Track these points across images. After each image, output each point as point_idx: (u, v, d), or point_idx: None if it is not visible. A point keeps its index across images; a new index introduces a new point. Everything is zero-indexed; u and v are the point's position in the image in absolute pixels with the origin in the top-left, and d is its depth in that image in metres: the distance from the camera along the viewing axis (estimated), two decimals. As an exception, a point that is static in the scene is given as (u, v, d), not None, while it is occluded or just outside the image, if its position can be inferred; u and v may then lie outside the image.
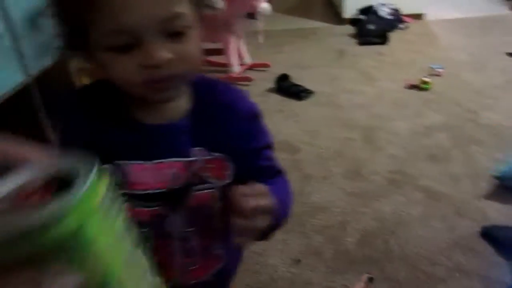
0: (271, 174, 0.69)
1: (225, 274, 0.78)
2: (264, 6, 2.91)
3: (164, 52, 0.51)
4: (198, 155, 0.62)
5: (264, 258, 1.54)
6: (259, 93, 2.91)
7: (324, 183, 1.96)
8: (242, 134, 0.65)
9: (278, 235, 1.65)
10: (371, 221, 1.71)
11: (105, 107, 0.62)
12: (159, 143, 0.61)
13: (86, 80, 2.91)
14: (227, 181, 0.65)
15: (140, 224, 0.61)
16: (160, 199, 0.62)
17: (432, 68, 3.06)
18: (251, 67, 3.33)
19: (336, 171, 2.04)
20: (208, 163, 0.63)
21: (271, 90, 2.94)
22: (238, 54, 3.24)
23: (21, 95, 2.02)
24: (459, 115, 2.49)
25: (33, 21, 2.08)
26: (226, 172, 0.65)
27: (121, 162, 0.60)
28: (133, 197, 0.61)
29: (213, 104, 0.64)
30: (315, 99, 2.81)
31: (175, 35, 0.53)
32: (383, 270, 1.49)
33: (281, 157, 2.15)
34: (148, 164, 0.60)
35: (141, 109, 0.61)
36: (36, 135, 2.20)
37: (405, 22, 4.17)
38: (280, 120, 2.54)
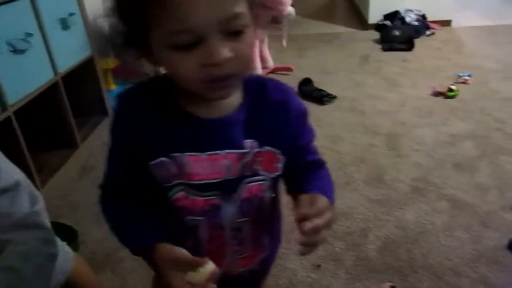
0: (316, 167, 0.74)
1: (268, 263, 0.83)
2: (290, 10, 2.91)
3: (225, 51, 0.53)
4: (250, 147, 0.65)
5: (284, 262, 1.53)
6: (281, 97, 2.90)
7: (346, 189, 1.93)
8: (293, 132, 0.69)
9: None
10: (393, 229, 1.68)
11: (160, 103, 0.63)
12: (213, 135, 0.63)
13: (111, 80, 2.96)
14: (277, 173, 0.69)
15: (196, 213, 0.66)
16: (215, 189, 0.65)
17: (459, 75, 3.01)
18: (274, 71, 3.33)
19: (358, 177, 2.01)
20: (259, 156, 0.66)
21: (293, 94, 2.93)
22: (261, 57, 3.24)
23: (49, 93, 2.06)
24: (486, 124, 2.43)
25: (62, 21, 2.13)
26: (276, 165, 0.68)
27: (177, 154, 0.62)
28: (190, 187, 0.64)
29: (265, 101, 0.66)
30: (337, 104, 2.79)
31: (234, 34, 0.54)
32: (405, 279, 1.46)
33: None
34: (203, 156, 0.63)
35: (196, 104, 0.63)
36: (61, 133, 2.24)
37: (432, 28, 4.11)
38: (302, 124, 2.52)
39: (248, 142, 0.65)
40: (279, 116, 0.67)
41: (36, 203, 0.84)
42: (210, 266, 0.58)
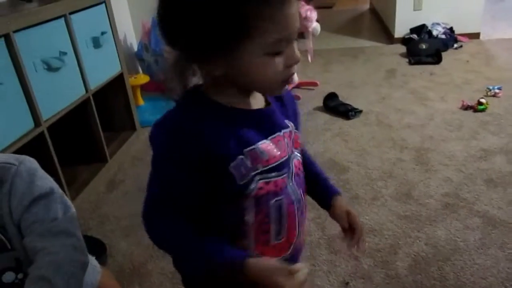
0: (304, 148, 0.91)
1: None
2: (315, 25, 2.93)
3: (298, 53, 0.66)
4: (290, 126, 0.77)
5: (312, 278, 1.51)
6: (307, 112, 2.90)
7: (374, 204, 1.90)
8: (297, 116, 0.84)
9: (326, 255, 1.62)
10: (424, 246, 1.64)
11: (215, 109, 0.68)
12: (270, 121, 0.74)
13: (140, 96, 3.02)
14: (301, 148, 0.82)
15: (279, 193, 0.74)
16: (285, 166, 0.74)
17: (488, 88, 2.94)
18: (299, 86, 3.33)
19: (386, 193, 1.98)
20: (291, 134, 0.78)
21: (319, 109, 2.93)
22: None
23: (80, 109, 2.13)
24: (519, 138, 2.36)
25: (95, 40, 2.20)
26: (299, 141, 0.81)
27: (251, 147, 0.69)
28: (268, 172, 0.71)
29: (279, 97, 0.79)
30: (363, 118, 2.76)
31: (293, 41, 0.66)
32: (437, 298, 1.42)
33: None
34: (267, 141, 0.71)
35: (242, 101, 0.71)
36: (91, 147, 2.30)
37: (460, 41, 4.05)
38: (327, 139, 2.51)
39: (288, 122, 0.77)
40: (292, 107, 0.81)
41: (68, 211, 0.87)
42: (304, 270, 0.66)
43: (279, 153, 0.72)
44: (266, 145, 0.70)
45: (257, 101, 0.73)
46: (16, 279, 0.84)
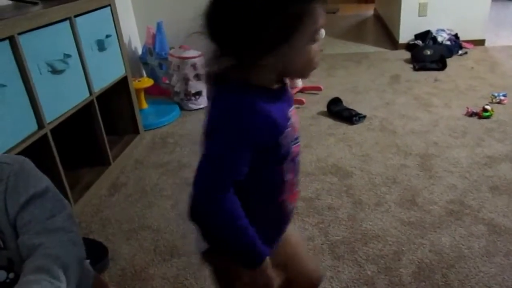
0: None
1: None
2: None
3: None
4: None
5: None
6: (310, 116, 2.89)
7: (377, 210, 1.89)
8: None
9: (329, 261, 1.60)
10: (428, 253, 1.62)
11: (262, 91, 0.79)
12: (289, 97, 0.88)
13: (144, 99, 3.02)
14: None
15: (299, 153, 0.90)
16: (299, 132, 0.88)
17: (493, 95, 2.93)
18: (303, 90, 3.33)
19: (390, 199, 1.97)
20: None
21: (322, 114, 2.92)
22: (291, 77, 3.25)
23: (83, 111, 2.13)
24: (524, 145, 2.34)
25: (99, 43, 2.20)
26: None
27: (292, 120, 0.84)
28: (295, 140, 0.86)
29: None
30: (367, 123, 2.75)
31: None
32: (441, 306, 1.40)
33: (331, 181, 2.15)
34: (290, 113, 0.85)
35: (274, 83, 0.83)
36: (94, 150, 2.29)
37: (464, 47, 4.04)
38: (331, 143, 2.50)
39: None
40: None
41: (64, 209, 0.87)
42: None
43: (297, 123, 0.86)
44: (293, 117, 0.85)
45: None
46: (7, 278, 0.84)
